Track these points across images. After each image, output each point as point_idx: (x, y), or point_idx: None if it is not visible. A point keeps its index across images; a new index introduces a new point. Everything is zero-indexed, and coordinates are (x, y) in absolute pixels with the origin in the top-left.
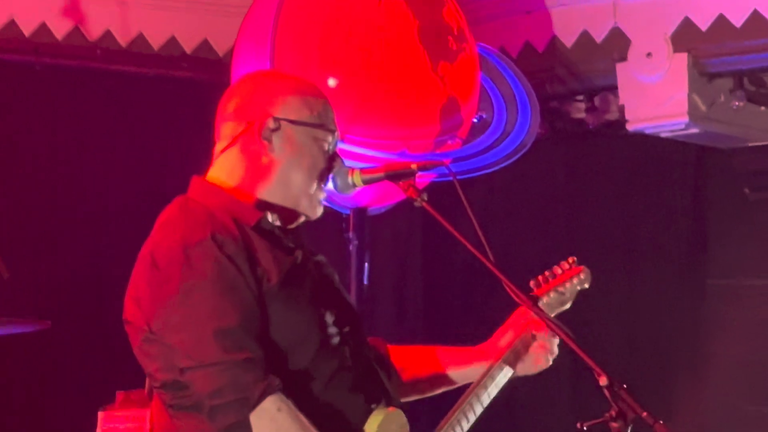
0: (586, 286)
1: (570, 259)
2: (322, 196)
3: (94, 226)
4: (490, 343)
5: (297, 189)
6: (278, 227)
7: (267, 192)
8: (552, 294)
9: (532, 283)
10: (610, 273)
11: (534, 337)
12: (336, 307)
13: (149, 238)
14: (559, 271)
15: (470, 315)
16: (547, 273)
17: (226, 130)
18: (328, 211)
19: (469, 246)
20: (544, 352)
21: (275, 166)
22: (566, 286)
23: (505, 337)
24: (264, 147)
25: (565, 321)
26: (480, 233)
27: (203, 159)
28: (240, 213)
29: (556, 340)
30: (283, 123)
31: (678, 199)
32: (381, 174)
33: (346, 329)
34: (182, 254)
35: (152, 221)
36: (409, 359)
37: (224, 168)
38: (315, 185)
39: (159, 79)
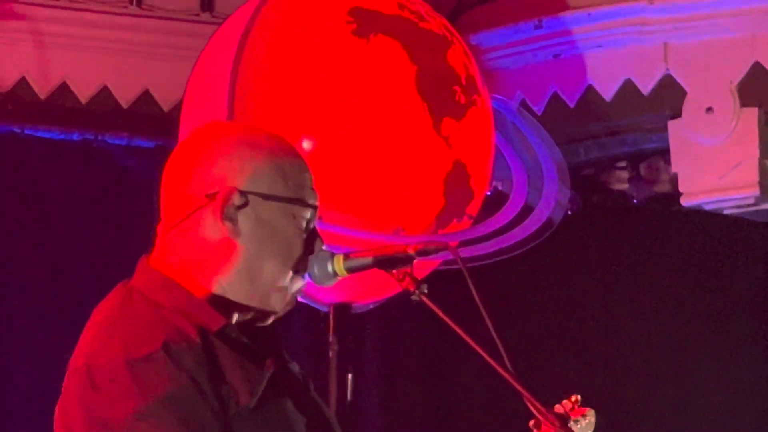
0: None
1: (573, 398)
2: (298, 286)
3: None
4: None
5: (266, 282)
6: (246, 328)
7: (228, 286)
8: None
9: (531, 424)
10: (659, 381)
11: None
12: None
13: (82, 342)
14: (561, 410)
15: None
16: (545, 411)
17: (175, 204)
18: (301, 307)
19: (480, 351)
20: None
21: (239, 254)
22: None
23: None
24: (225, 229)
25: None
26: (495, 335)
27: (143, 241)
28: (199, 314)
29: None
30: (251, 198)
31: (746, 292)
32: (369, 260)
33: None
34: (127, 370)
35: (71, 323)
36: None
37: (173, 253)
38: (289, 275)
39: (88, 141)
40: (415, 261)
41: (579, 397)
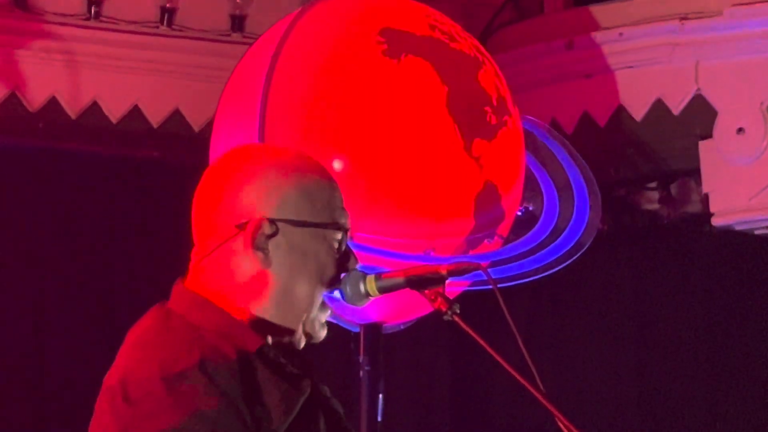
0: None
1: None
2: (326, 314)
3: (30, 334)
4: None
5: (301, 305)
6: (282, 350)
7: (264, 311)
8: None
9: None
10: (691, 400)
11: None
12: None
13: (117, 362)
14: None
15: None
16: None
17: (206, 233)
18: (332, 327)
19: (512, 371)
20: None
21: (273, 281)
22: None
23: None
24: (257, 260)
25: None
26: (526, 354)
27: (173, 261)
28: (236, 334)
29: None
30: (281, 225)
31: None
32: (401, 280)
33: None
34: (162, 386)
35: (104, 340)
36: None
37: (208, 279)
38: (322, 292)
39: (117, 161)
40: (446, 281)
41: None
